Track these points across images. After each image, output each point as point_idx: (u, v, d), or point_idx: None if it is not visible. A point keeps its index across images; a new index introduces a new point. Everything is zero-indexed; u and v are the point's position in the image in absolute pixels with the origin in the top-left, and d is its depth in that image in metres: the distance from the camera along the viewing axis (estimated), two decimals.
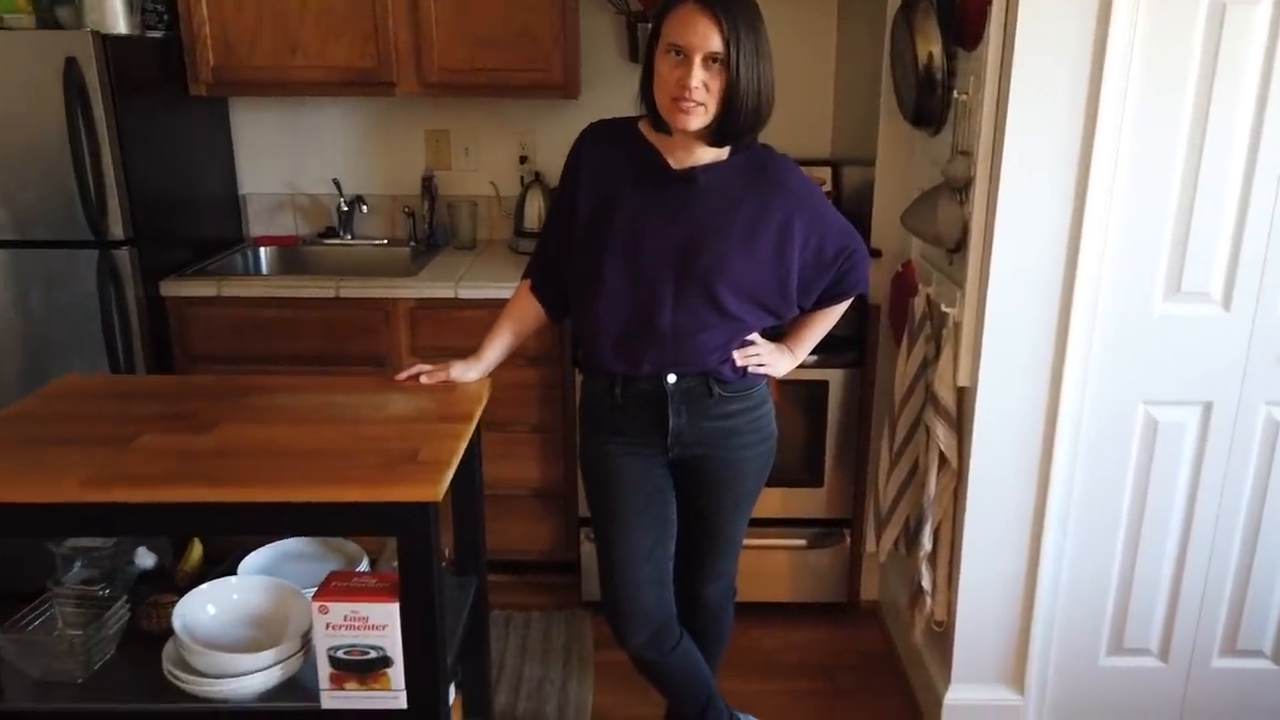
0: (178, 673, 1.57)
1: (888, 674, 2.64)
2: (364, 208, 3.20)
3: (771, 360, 1.86)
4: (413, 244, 3.21)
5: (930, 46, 2.17)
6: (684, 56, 1.59)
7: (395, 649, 1.55)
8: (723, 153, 1.71)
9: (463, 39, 2.80)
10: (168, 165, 2.79)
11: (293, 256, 3.20)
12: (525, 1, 2.76)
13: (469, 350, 1.93)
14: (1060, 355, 2.05)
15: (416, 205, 3.22)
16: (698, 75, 1.58)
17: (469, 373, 1.91)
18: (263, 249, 3.19)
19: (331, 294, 2.72)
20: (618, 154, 1.75)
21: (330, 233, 3.25)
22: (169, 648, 1.64)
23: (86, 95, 2.44)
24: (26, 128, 2.47)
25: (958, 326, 2.13)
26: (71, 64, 2.41)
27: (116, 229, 2.56)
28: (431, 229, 3.21)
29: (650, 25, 1.70)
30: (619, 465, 1.84)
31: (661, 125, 1.69)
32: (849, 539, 2.81)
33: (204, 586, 1.70)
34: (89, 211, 2.52)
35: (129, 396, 1.81)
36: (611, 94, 3.11)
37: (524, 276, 1.97)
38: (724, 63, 1.57)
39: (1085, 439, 2.12)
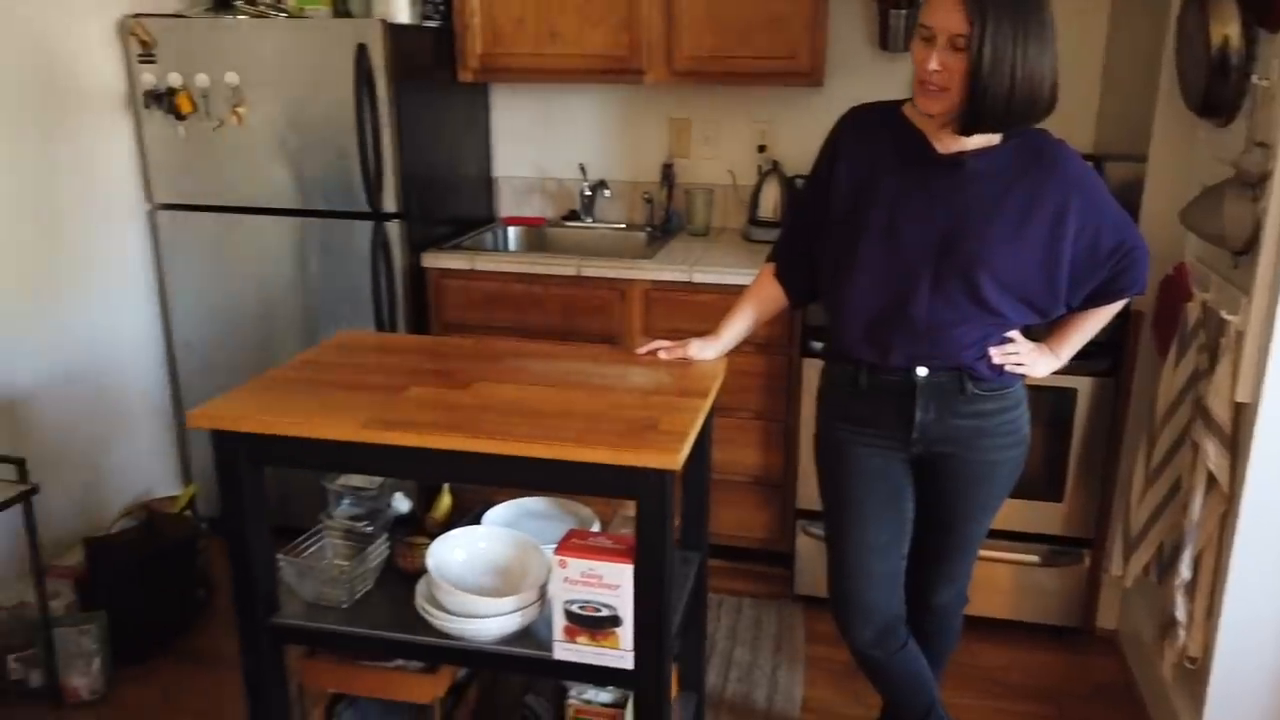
0: (429, 608, 1.70)
1: (1124, 708, 2.44)
2: (606, 192, 3.31)
3: (1031, 361, 1.76)
4: (649, 229, 3.29)
5: (1226, 28, 1.98)
6: (930, 38, 1.54)
7: (626, 609, 1.60)
8: (994, 137, 1.64)
9: (713, 27, 2.84)
10: (435, 147, 3.01)
11: (537, 236, 3.37)
12: None
13: (699, 333, 1.96)
14: None
15: (655, 191, 3.30)
16: (936, 58, 1.53)
17: (706, 351, 1.94)
18: (511, 228, 3.37)
19: (573, 272, 2.84)
20: (880, 137, 1.72)
21: (572, 216, 3.39)
22: (421, 585, 1.77)
23: (372, 79, 2.67)
24: (320, 107, 2.74)
25: (1240, 336, 1.93)
26: (362, 50, 2.64)
27: (390, 203, 2.80)
28: (668, 215, 3.28)
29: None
30: (857, 456, 1.80)
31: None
32: (1088, 560, 2.63)
33: (455, 532, 1.83)
34: (368, 186, 2.76)
35: (398, 352, 1.97)
36: (857, 83, 3.05)
37: (768, 260, 1.97)
38: (968, 45, 1.50)
39: None
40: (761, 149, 3.24)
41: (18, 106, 2.49)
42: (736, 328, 1.96)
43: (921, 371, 1.72)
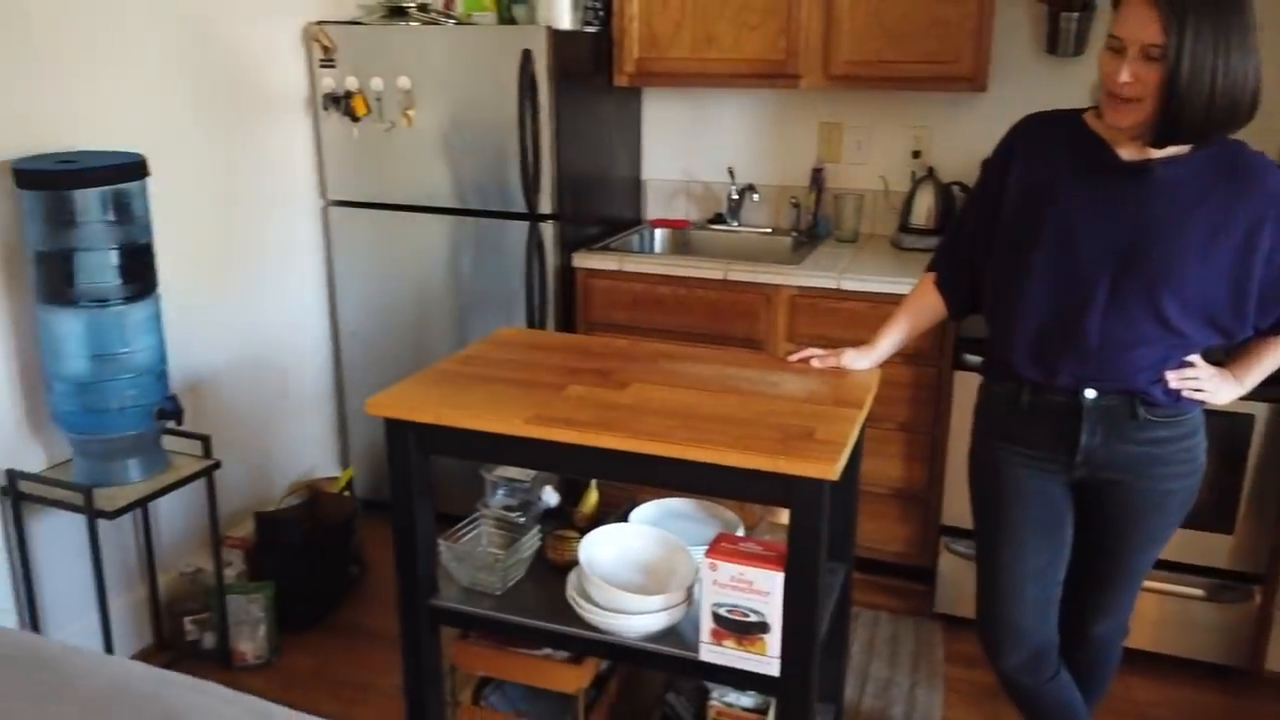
0: (580, 601, 1.75)
1: None
2: (755, 196, 3.31)
3: (1212, 387, 1.66)
4: (795, 234, 3.27)
5: None
6: (1121, 48, 1.48)
7: (775, 616, 1.61)
8: (1184, 146, 1.56)
9: (873, 31, 2.80)
10: (589, 149, 3.08)
11: (682, 239, 3.40)
12: None
13: (845, 341, 1.94)
14: None
15: (803, 196, 3.28)
16: (1127, 69, 1.46)
17: (860, 361, 1.92)
18: (657, 231, 3.41)
19: (720, 276, 2.85)
20: (1058, 145, 1.66)
21: (718, 219, 3.40)
22: (573, 577, 1.82)
23: (535, 83, 2.76)
24: (483, 111, 2.85)
25: None
26: (527, 55, 2.73)
27: (545, 204, 2.88)
28: (815, 220, 3.26)
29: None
30: (1016, 476, 1.75)
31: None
32: (1258, 597, 2.47)
33: (605, 529, 1.87)
34: (526, 187, 2.85)
35: (556, 350, 2.03)
36: (1022, 88, 2.95)
37: (928, 269, 1.93)
38: (1163, 56, 1.43)
39: None
40: (916, 155, 3.18)
41: (212, 106, 2.68)
42: (893, 338, 1.93)
43: (1090, 394, 1.65)
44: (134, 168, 2.13)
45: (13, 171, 2.04)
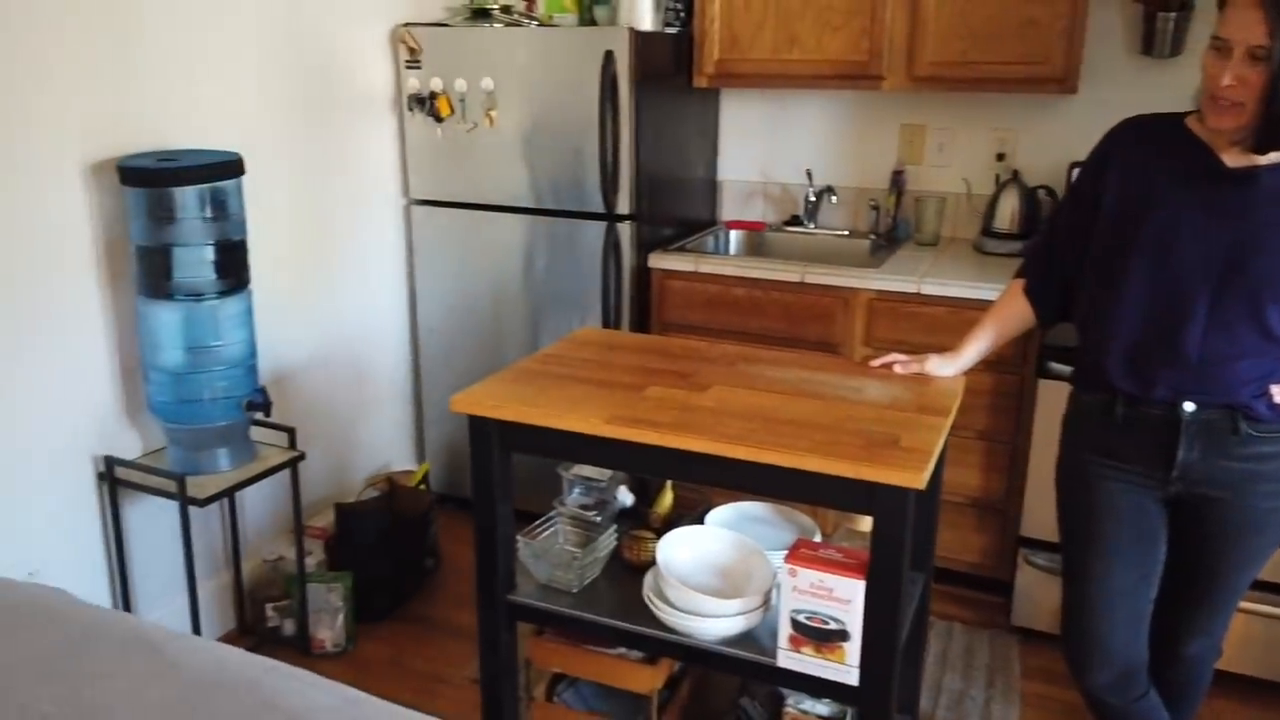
0: (656, 602, 1.75)
1: None
2: (833, 199, 3.28)
3: None
4: (873, 237, 3.23)
5: None
6: (1225, 50, 1.43)
7: (855, 625, 1.59)
8: None
9: (960, 31, 2.75)
10: (667, 150, 3.08)
11: (758, 241, 3.38)
12: None
13: (924, 346, 1.91)
14: None
15: (882, 199, 3.24)
16: (1230, 72, 1.42)
17: (945, 368, 1.89)
18: (732, 232, 3.40)
19: (797, 279, 2.83)
20: (1157, 149, 1.61)
21: (794, 221, 3.38)
22: (649, 578, 1.83)
23: (616, 85, 2.77)
24: (564, 112, 2.87)
25: None
26: (609, 57, 2.75)
27: (623, 205, 2.89)
28: (895, 223, 3.21)
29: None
30: (1108, 491, 1.70)
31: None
32: None
33: (682, 531, 1.87)
34: (604, 188, 2.87)
35: (634, 351, 2.04)
36: (1115, 90, 2.87)
37: (1017, 275, 1.89)
38: (1268, 57, 1.38)
39: None
40: (1000, 157, 3.11)
41: (303, 106, 2.76)
42: (979, 345, 1.90)
43: (1188, 407, 1.60)
44: (231, 166, 2.20)
45: (118, 169, 2.12)
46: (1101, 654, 1.77)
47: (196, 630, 2.30)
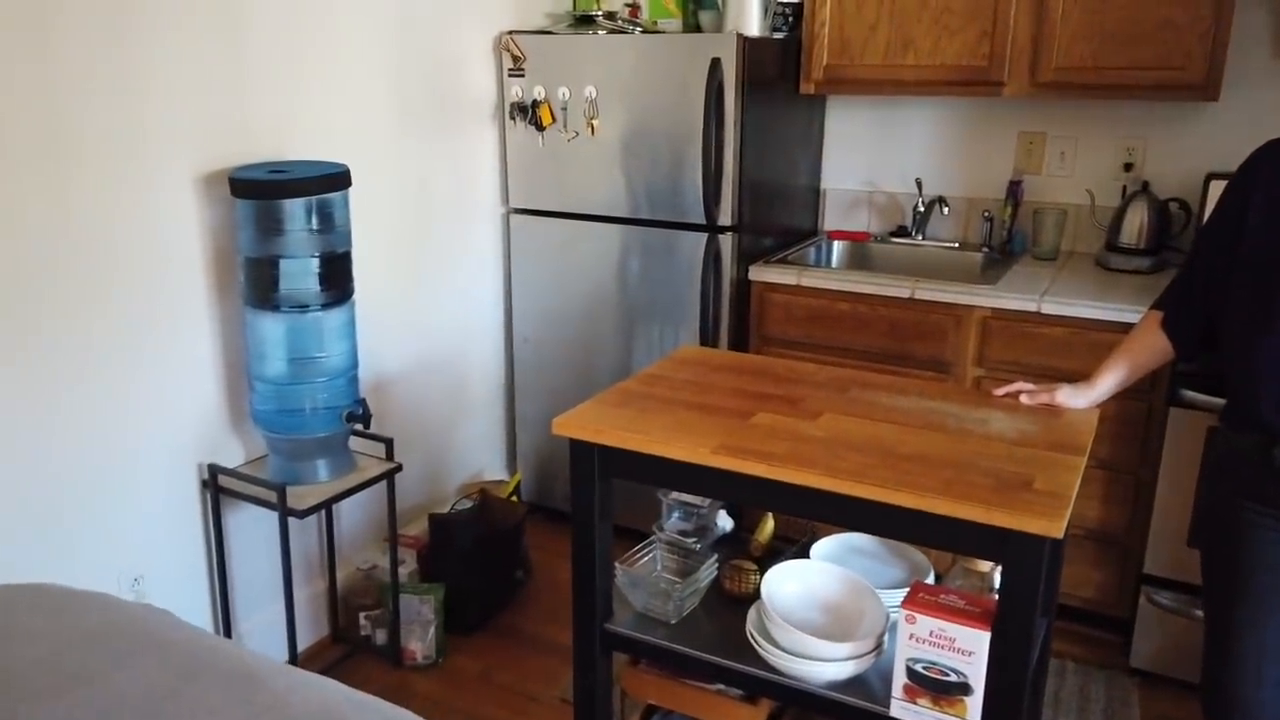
0: (760, 640, 1.67)
1: None
2: (944, 209, 3.14)
3: None
4: (986, 250, 3.08)
5: None
6: None
7: (978, 678, 1.48)
8: None
9: (1090, 34, 2.59)
10: (771, 159, 2.98)
11: (862, 253, 3.26)
12: None
13: (1040, 369, 1.78)
14: None
15: (997, 210, 3.08)
16: None
17: (1077, 399, 1.77)
18: (836, 242, 3.29)
19: (906, 294, 2.70)
20: None
21: (900, 232, 3.24)
22: (753, 614, 1.74)
23: (722, 92, 2.69)
24: (667, 120, 2.80)
25: None
26: (716, 64, 2.67)
27: (725, 216, 2.81)
28: (1010, 235, 3.05)
29: None
30: (1262, 540, 1.56)
31: None
32: None
33: (788, 565, 1.78)
34: (706, 198, 2.79)
35: (741, 372, 1.96)
36: (1256, 98, 2.67)
37: (1154, 306, 1.77)
38: None
39: None
40: (1128, 168, 2.92)
41: (409, 115, 2.75)
42: (1113, 378, 1.78)
43: None
44: (338, 178, 2.19)
45: (229, 180, 2.14)
46: (1244, 716, 1.62)
47: (292, 639, 2.30)
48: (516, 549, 2.88)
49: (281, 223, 2.10)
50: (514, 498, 3.01)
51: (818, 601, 1.76)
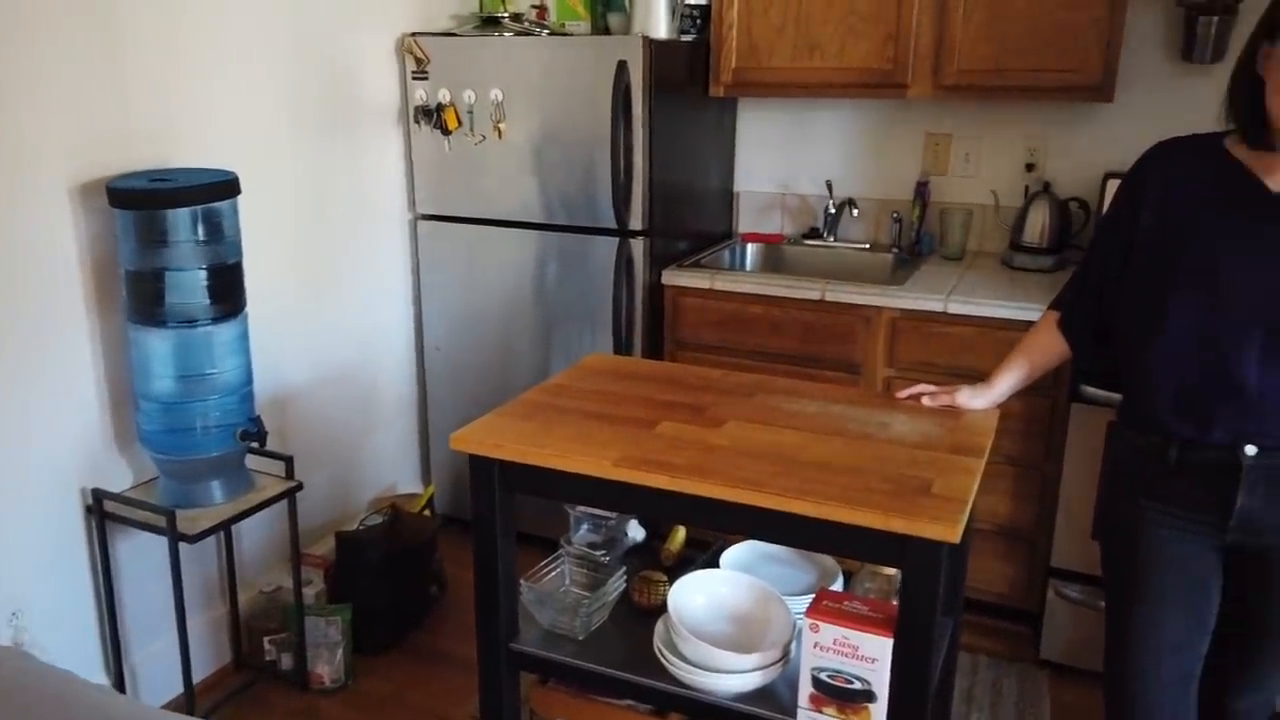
0: (668, 655, 1.63)
1: None
2: (854, 211, 3.15)
3: None
4: (895, 250, 3.11)
5: None
6: None
7: (881, 685, 1.47)
8: None
9: (990, 37, 2.62)
10: (682, 162, 2.96)
11: (775, 255, 3.26)
12: None
13: (949, 368, 1.79)
14: None
15: (905, 211, 3.11)
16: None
17: (976, 400, 1.79)
18: (749, 245, 3.28)
19: (817, 296, 2.71)
20: (1197, 175, 1.50)
21: (813, 234, 3.26)
22: (660, 627, 1.71)
23: (630, 95, 2.66)
24: (575, 124, 2.76)
25: None
26: (622, 66, 2.63)
27: (636, 220, 2.78)
28: (918, 236, 3.09)
29: (1262, 19, 1.41)
30: (1159, 539, 1.57)
31: (1257, 140, 1.41)
32: None
33: (695, 575, 1.75)
34: (616, 202, 2.76)
35: (647, 380, 1.92)
36: (1152, 98, 2.75)
37: (1051, 307, 1.79)
38: None
39: None
40: (1030, 168, 2.98)
41: (305, 120, 2.66)
42: (1011, 378, 1.80)
43: (1250, 450, 1.47)
44: (226, 186, 2.10)
45: (107, 190, 2.03)
46: (1144, 715, 1.64)
47: (187, 668, 2.19)
48: (429, 564, 2.81)
49: (165, 234, 2.00)
50: (427, 511, 2.93)
51: (726, 612, 1.74)
